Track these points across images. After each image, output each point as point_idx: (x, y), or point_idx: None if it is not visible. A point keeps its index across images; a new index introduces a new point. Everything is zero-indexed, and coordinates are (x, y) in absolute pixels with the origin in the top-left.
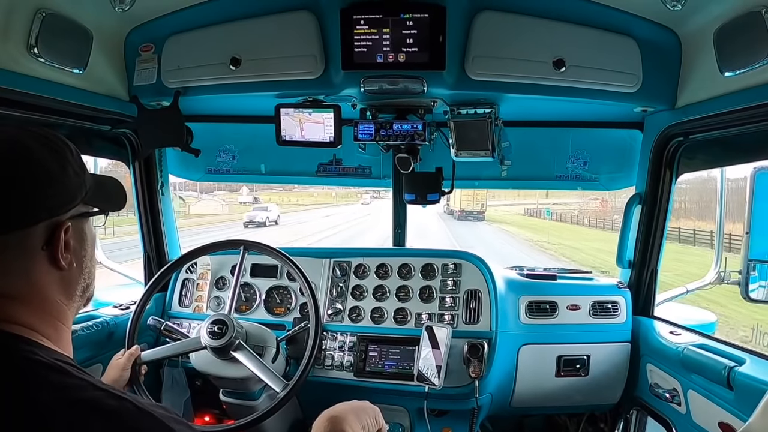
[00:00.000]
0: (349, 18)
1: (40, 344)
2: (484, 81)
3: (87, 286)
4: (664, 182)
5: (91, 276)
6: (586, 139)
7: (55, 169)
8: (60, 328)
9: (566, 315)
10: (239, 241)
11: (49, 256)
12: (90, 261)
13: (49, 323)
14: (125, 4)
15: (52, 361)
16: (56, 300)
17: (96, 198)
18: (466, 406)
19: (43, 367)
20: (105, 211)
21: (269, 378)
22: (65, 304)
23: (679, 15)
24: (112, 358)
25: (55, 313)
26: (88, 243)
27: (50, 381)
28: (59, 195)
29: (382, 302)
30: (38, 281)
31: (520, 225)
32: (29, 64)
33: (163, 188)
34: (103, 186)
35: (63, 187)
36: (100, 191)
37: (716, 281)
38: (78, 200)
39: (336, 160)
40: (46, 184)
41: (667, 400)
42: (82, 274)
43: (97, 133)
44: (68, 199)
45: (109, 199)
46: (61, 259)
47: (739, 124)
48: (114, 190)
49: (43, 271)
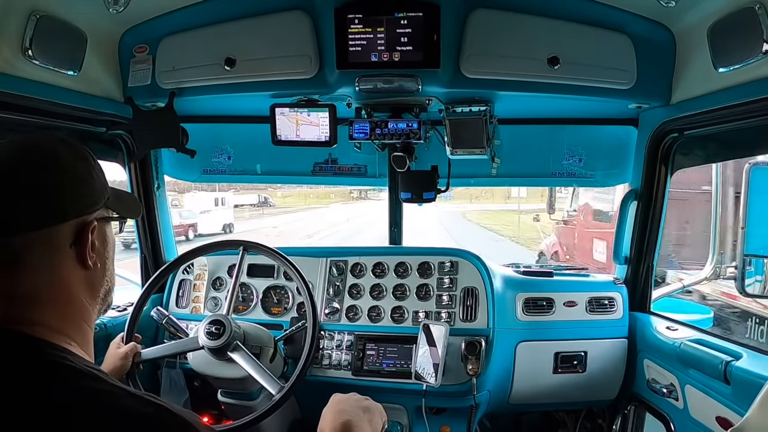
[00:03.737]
0: (344, 17)
1: (69, 350)
2: (479, 79)
3: (109, 289)
4: (660, 178)
5: (113, 280)
6: (581, 136)
7: (82, 172)
8: (85, 330)
9: (563, 312)
10: (238, 241)
11: (76, 254)
12: (112, 264)
13: (76, 325)
14: (119, 6)
15: (84, 368)
16: (82, 300)
17: (116, 203)
18: (464, 403)
19: (77, 373)
20: (124, 217)
21: (265, 379)
22: (90, 304)
23: (673, 11)
24: (110, 347)
25: (80, 313)
26: (109, 246)
27: (85, 388)
28: (87, 196)
29: (379, 301)
30: (64, 279)
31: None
32: (23, 66)
33: (159, 189)
34: (120, 195)
35: (90, 189)
36: (119, 197)
37: (712, 276)
38: (102, 203)
39: (332, 160)
40: (75, 185)
41: (665, 396)
42: (105, 276)
43: (92, 135)
44: (94, 200)
45: (126, 207)
46: (88, 258)
47: (733, 120)
48: (129, 200)
49: (70, 269)
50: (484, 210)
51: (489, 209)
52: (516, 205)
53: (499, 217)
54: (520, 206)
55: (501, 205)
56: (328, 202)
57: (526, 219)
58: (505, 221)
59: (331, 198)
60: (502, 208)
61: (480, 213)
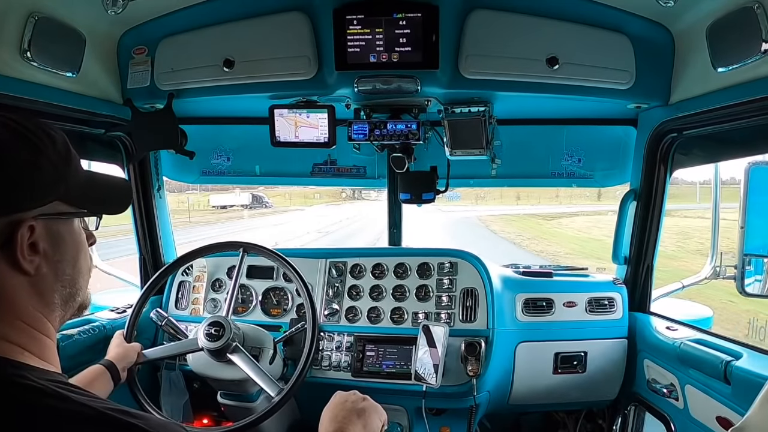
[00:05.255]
0: (342, 18)
1: (25, 364)
2: (478, 79)
3: (70, 294)
4: (659, 178)
5: (75, 285)
6: (580, 136)
7: (21, 159)
8: (42, 339)
9: (563, 312)
10: (238, 243)
11: (8, 258)
12: (72, 268)
13: (28, 334)
14: (118, 7)
15: (45, 385)
16: (29, 307)
17: (83, 198)
18: (464, 404)
19: (36, 392)
20: (93, 214)
21: (264, 381)
22: (42, 312)
23: (671, 11)
24: (114, 338)
25: (31, 322)
26: (67, 247)
27: (47, 408)
28: (22, 191)
29: (378, 302)
30: (1, 285)
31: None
32: (22, 68)
33: (159, 191)
34: (98, 185)
35: (29, 181)
36: (92, 191)
37: (712, 276)
38: (51, 197)
39: (331, 161)
40: (4, 178)
41: (665, 396)
42: (58, 281)
43: (91, 137)
44: (35, 195)
45: (102, 201)
46: (23, 262)
47: (732, 120)
48: (106, 193)
49: (5, 276)
50: (503, 215)
51: (507, 213)
52: (530, 206)
53: (526, 225)
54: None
55: (513, 207)
56: (311, 203)
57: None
58: (540, 232)
59: (315, 198)
60: (520, 211)
61: (501, 219)
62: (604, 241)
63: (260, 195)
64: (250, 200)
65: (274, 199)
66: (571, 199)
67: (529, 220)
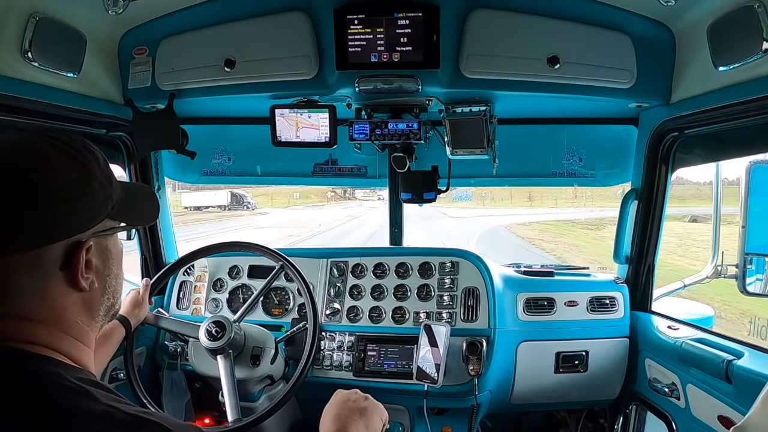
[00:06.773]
0: (343, 18)
1: (60, 362)
2: (479, 79)
3: (111, 305)
4: (660, 177)
5: (116, 295)
6: (581, 135)
7: (76, 181)
8: (81, 348)
9: (564, 311)
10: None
11: (67, 278)
12: (115, 280)
13: (69, 343)
14: (118, 8)
15: (76, 384)
16: (76, 321)
17: (124, 211)
18: (465, 403)
19: (67, 391)
20: (134, 226)
21: (230, 401)
22: (87, 325)
23: (672, 10)
24: (129, 295)
25: (74, 333)
26: (112, 260)
27: (75, 407)
28: (80, 212)
29: (380, 301)
30: (56, 304)
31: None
32: (23, 68)
33: (160, 191)
34: (134, 197)
35: (85, 203)
36: (130, 203)
37: (713, 275)
38: (103, 216)
39: (332, 161)
40: (64, 200)
41: (667, 395)
42: (105, 294)
43: (92, 137)
44: (91, 215)
45: (138, 212)
46: (81, 281)
47: (733, 119)
48: (143, 205)
49: (62, 293)
50: (532, 222)
51: (536, 219)
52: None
53: (578, 238)
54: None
55: (526, 209)
56: (294, 204)
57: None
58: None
59: (295, 198)
60: (545, 216)
61: (534, 228)
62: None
63: (242, 194)
64: (229, 200)
65: (258, 198)
66: (592, 201)
67: (574, 229)
